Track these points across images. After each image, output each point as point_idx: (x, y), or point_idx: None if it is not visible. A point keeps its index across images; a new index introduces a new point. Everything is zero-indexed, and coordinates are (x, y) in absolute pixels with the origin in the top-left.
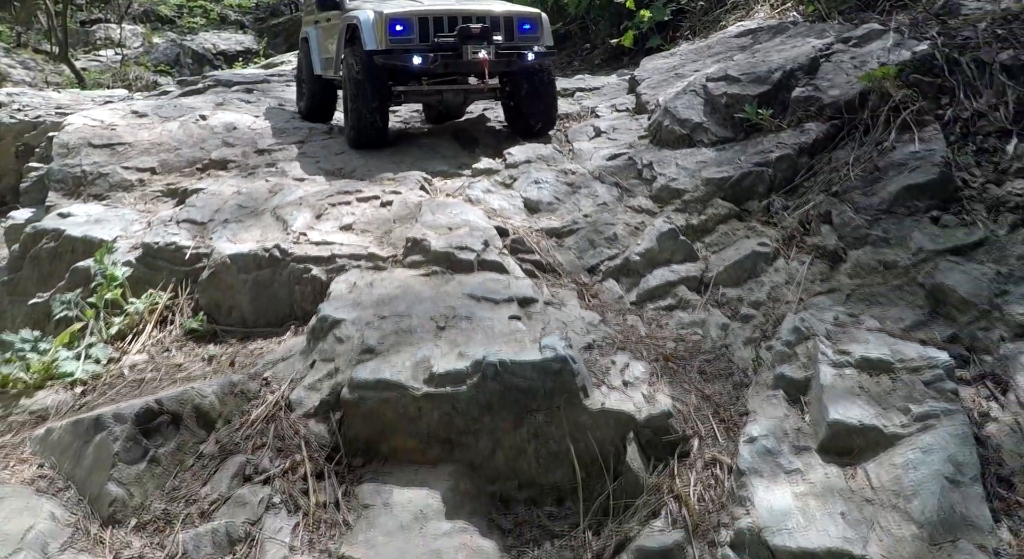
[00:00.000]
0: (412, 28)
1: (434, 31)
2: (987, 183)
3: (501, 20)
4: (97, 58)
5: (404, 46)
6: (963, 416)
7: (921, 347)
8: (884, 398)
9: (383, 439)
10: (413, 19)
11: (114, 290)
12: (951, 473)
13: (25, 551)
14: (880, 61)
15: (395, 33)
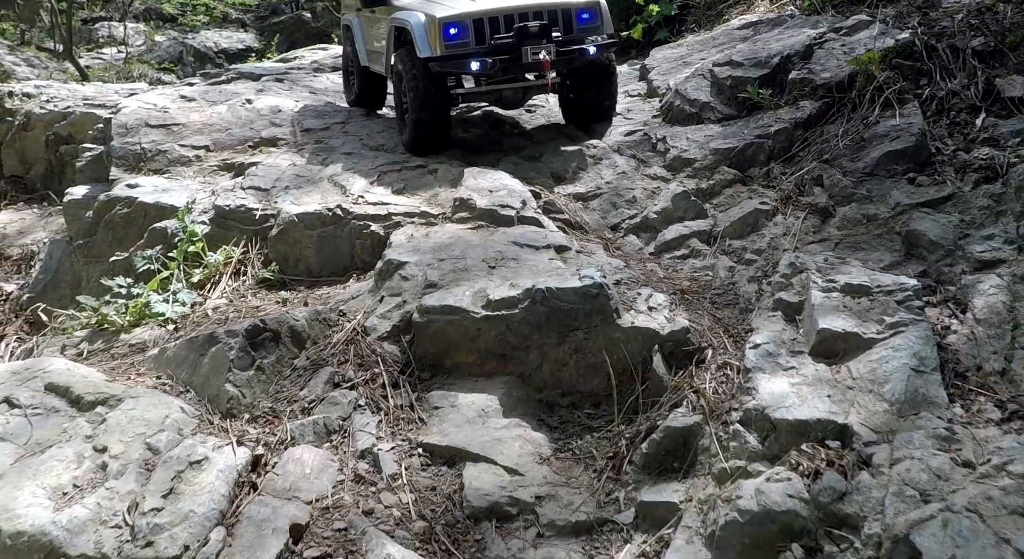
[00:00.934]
0: (467, 31)
1: (490, 32)
2: (957, 150)
3: (559, 13)
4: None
5: (460, 50)
6: (926, 325)
7: (895, 276)
8: (863, 313)
9: (447, 355)
10: (468, 21)
11: (196, 244)
12: (916, 365)
13: (167, 431)
14: (867, 47)
15: (450, 38)
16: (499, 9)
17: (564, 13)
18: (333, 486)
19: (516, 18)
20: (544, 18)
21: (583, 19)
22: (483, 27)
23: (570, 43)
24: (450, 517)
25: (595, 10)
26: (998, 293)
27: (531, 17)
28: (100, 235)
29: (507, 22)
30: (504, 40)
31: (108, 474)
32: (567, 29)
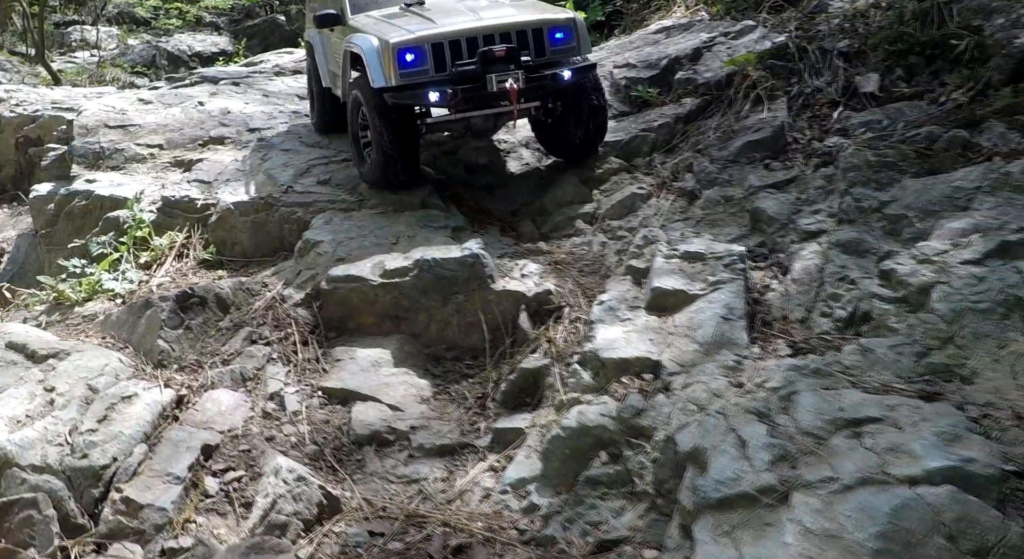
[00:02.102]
0: (425, 57)
1: (452, 57)
2: (812, 140)
3: (529, 34)
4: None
5: (418, 79)
6: (741, 282)
7: (728, 245)
8: (694, 275)
9: (350, 318)
10: (425, 46)
11: (143, 230)
12: (725, 314)
13: (106, 376)
14: (748, 50)
15: (405, 65)
16: (461, 31)
17: (535, 34)
18: (243, 421)
19: (480, 41)
20: (512, 40)
21: (557, 40)
22: (443, 52)
23: (543, 67)
24: (338, 443)
25: (570, 29)
26: (814, 258)
27: (497, 39)
28: (61, 225)
29: (470, 46)
30: (467, 67)
31: (55, 407)
32: (539, 51)
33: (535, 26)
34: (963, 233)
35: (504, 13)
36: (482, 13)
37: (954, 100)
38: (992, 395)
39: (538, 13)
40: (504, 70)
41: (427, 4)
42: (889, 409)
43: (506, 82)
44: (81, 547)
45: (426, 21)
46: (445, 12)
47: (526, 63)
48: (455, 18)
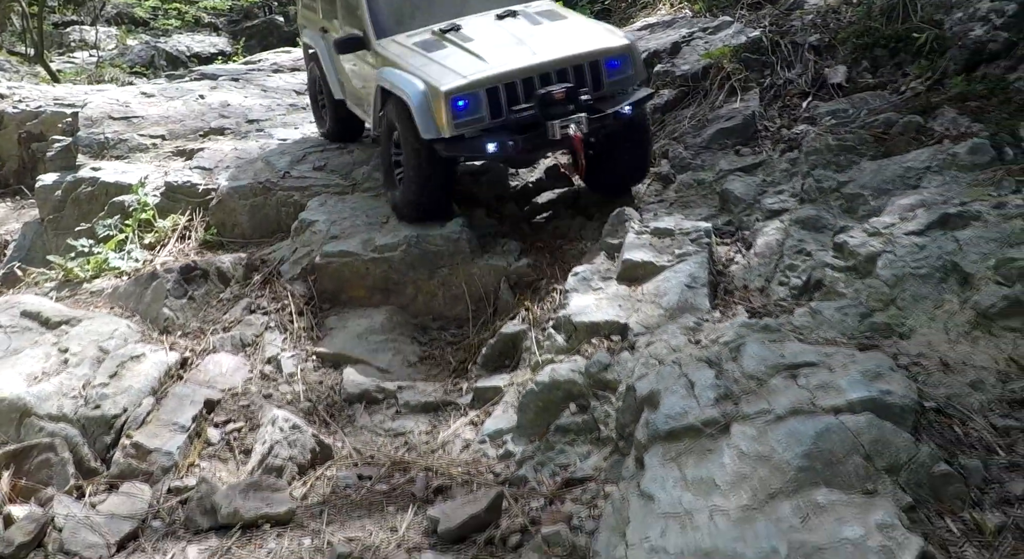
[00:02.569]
0: (480, 102)
1: (508, 101)
2: (781, 128)
3: (586, 68)
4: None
5: (472, 127)
6: (706, 254)
7: (696, 222)
8: (663, 248)
9: (342, 290)
10: (480, 92)
11: (147, 213)
12: (689, 283)
13: (115, 339)
14: (724, 44)
15: (459, 112)
16: (516, 73)
17: (592, 67)
18: (243, 381)
19: (536, 81)
20: (569, 76)
21: (613, 69)
22: (498, 96)
23: (600, 101)
24: (330, 400)
25: (627, 56)
26: (776, 234)
27: (554, 78)
28: (67, 211)
29: (526, 87)
30: (525, 112)
31: (68, 365)
32: (596, 85)
33: (591, 58)
34: (911, 208)
35: (554, 41)
36: (531, 43)
37: (913, 89)
38: (925, 348)
39: (591, 40)
40: (564, 112)
41: (463, 29)
42: (826, 356)
43: (569, 128)
44: (95, 486)
45: (471, 57)
46: (489, 42)
47: (586, 103)
48: (504, 52)
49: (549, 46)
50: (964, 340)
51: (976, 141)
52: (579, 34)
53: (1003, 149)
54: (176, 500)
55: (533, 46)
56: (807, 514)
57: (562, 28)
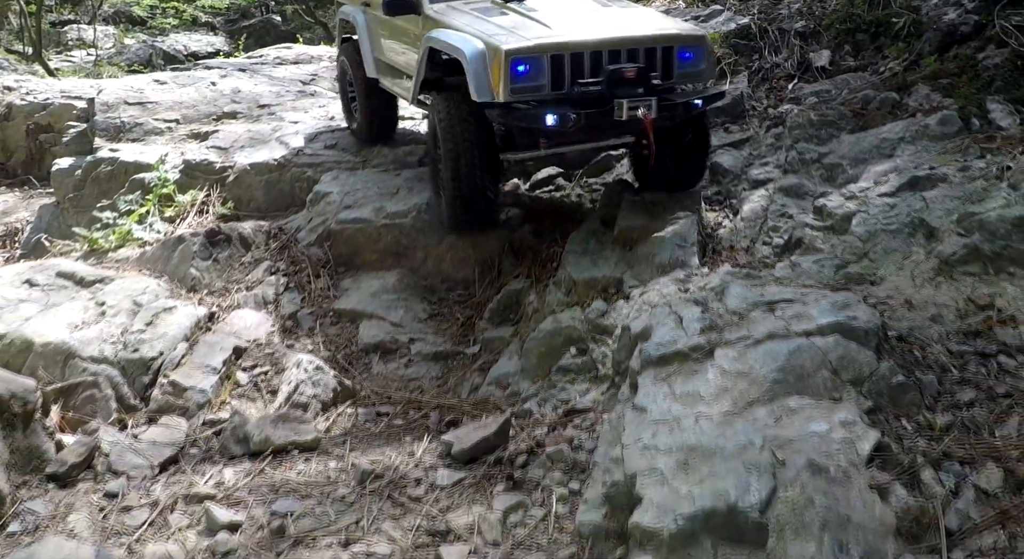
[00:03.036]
0: (542, 70)
1: (572, 74)
2: (768, 107)
3: (659, 52)
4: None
5: (530, 96)
6: (695, 217)
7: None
8: (658, 214)
9: (356, 255)
10: (544, 57)
11: (167, 188)
12: (680, 242)
13: (147, 294)
14: (714, 30)
15: (518, 76)
16: (585, 43)
17: (664, 52)
18: (266, 334)
19: (606, 56)
20: (639, 58)
21: (685, 61)
22: (562, 66)
23: (669, 92)
24: (348, 350)
25: (700, 49)
26: (761, 201)
27: (624, 56)
28: (87, 189)
29: (593, 61)
30: (591, 87)
31: (106, 316)
32: (666, 73)
33: (666, 43)
34: (884, 174)
35: (626, 21)
36: (601, 19)
37: (891, 69)
38: (892, 291)
39: (665, 25)
40: (633, 93)
41: (527, 0)
42: (802, 295)
43: (638, 110)
44: (136, 419)
45: (537, 24)
46: (556, 14)
47: (656, 88)
48: (573, 23)
49: (621, 24)
50: (928, 285)
51: (946, 113)
52: (652, 18)
53: (970, 120)
54: (210, 431)
55: (603, 22)
56: (780, 416)
57: (633, 12)
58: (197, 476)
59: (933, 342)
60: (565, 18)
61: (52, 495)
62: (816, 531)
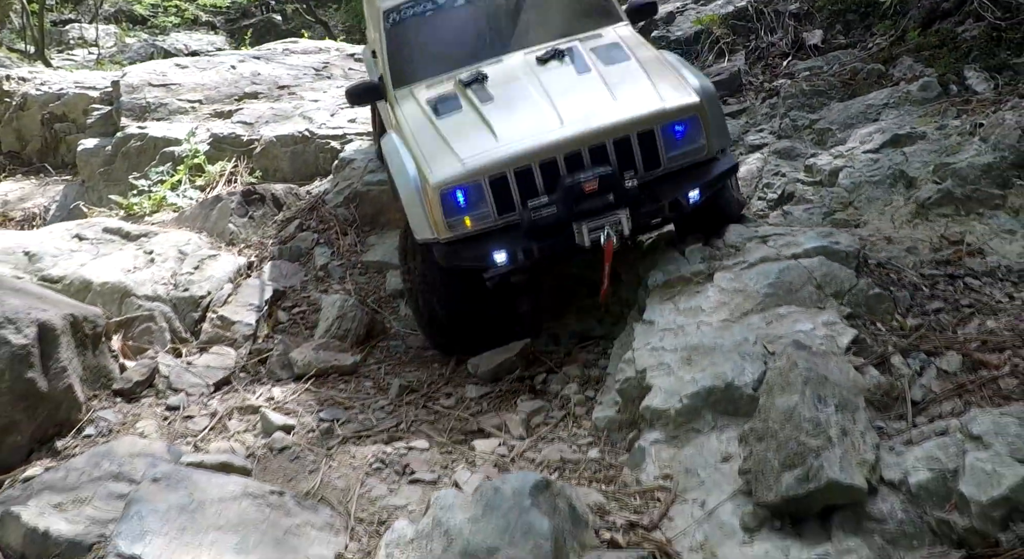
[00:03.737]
0: (483, 196)
1: (522, 192)
2: (764, 82)
3: (635, 140)
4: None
5: (478, 228)
6: None
7: None
8: None
9: (380, 213)
10: (482, 181)
11: (198, 158)
12: None
13: (191, 245)
14: (713, 13)
15: (457, 208)
16: (529, 153)
17: (643, 138)
18: (300, 282)
19: (562, 163)
20: (610, 155)
21: (677, 137)
22: (507, 186)
23: (660, 184)
24: (376, 295)
25: (695, 120)
26: (757, 163)
27: (586, 157)
28: (117, 163)
29: (548, 172)
30: (544, 210)
31: (155, 262)
32: (650, 162)
33: (642, 127)
34: (869, 135)
35: (595, 101)
36: (564, 105)
37: (877, 44)
38: (874, 231)
39: (643, 100)
40: (599, 207)
41: (491, 79)
42: (792, 233)
43: (601, 233)
44: (188, 349)
45: (482, 128)
46: (510, 104)
47: (630, 188)
48: (524, 119)
49: (586, 109)
50: (906, 225)
51: (926, 80)
52: (633, 89)
53: (949, 86)
54: (257, 360)
55: (565, 109)
56: (771, 321)
57: (615, 77)
58: (248, 393)
59: (908, 268)
60: (518, 110)
61: (120, 407)
62: (799, 386)
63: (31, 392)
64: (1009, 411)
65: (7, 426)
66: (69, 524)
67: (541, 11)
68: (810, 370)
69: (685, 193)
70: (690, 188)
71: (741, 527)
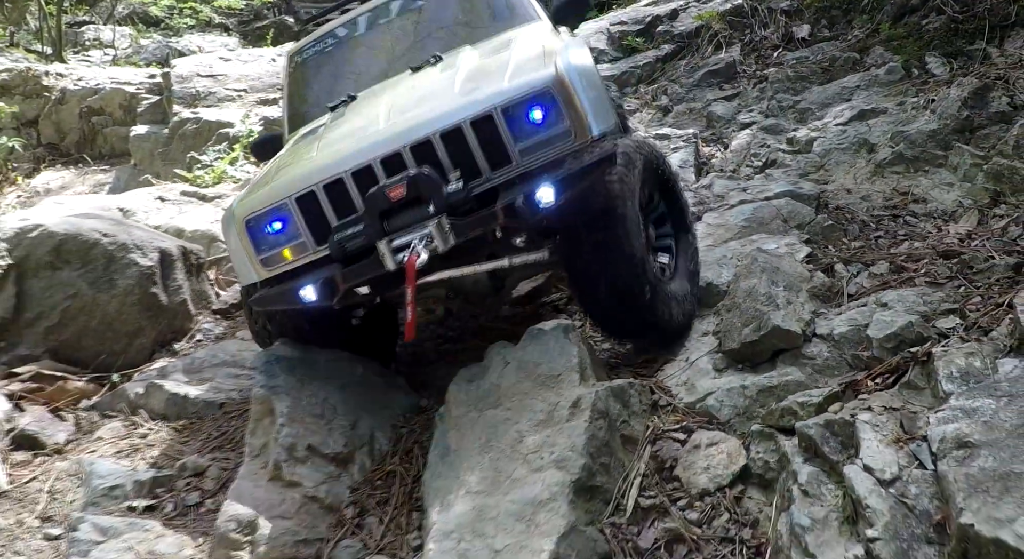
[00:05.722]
0: (293, 222)
1: (337, 212)
2: (756, 70)
3: (467, 131)
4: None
5: (296, 261)
6: (693, 148)
7: (687, 131)
8: (661, 146)
9: None
10: (288, 205)
11: (253, 137)
12: (681, 164)
13: None
14: (712, 10)
15: (268, 241)
16: (340, 159)
17: (481, 128)
18: None
19: (379, 172)
20: (439, 156)
21: (531, 123)
22: (318, 208)
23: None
24: None
25: (549, 100)
26: (746, 138)
27: (409, 160)
28: (174, 145)
29: (365, 185)
30: (349, 229)
31: None
32: (497, 157)
33: (478, 114)
34: (841, 111)
35: (437, 96)
36: (403, 106)
37: (856, 36)
38: (838, 187)
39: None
40: (414, 219)
41: (357, 100)
42: (765, 183)
43: (403, 249)
44: None
45: (314, 148)
46: (358, 117)
47: (455, 196)
48: (357, 131)
49: (417, 107)
50: (866, 182)
51: (891, 65)
52: (486, 78)
53: (911, 70)
54: None
55: (394, 111)
56: (745, 244)
57: (477, 72)
58: None
59: (861, 212)
60: (351, 123)
61: (219, 322)
62: (758, 274)
63: (154, 304)
64: (912, 290)
65: (135, 330)
66: (202, 391)
67: (443, 24)
68: (767, 263)
69: (530, 192)
70: (539, 185)
71: (713, 369)
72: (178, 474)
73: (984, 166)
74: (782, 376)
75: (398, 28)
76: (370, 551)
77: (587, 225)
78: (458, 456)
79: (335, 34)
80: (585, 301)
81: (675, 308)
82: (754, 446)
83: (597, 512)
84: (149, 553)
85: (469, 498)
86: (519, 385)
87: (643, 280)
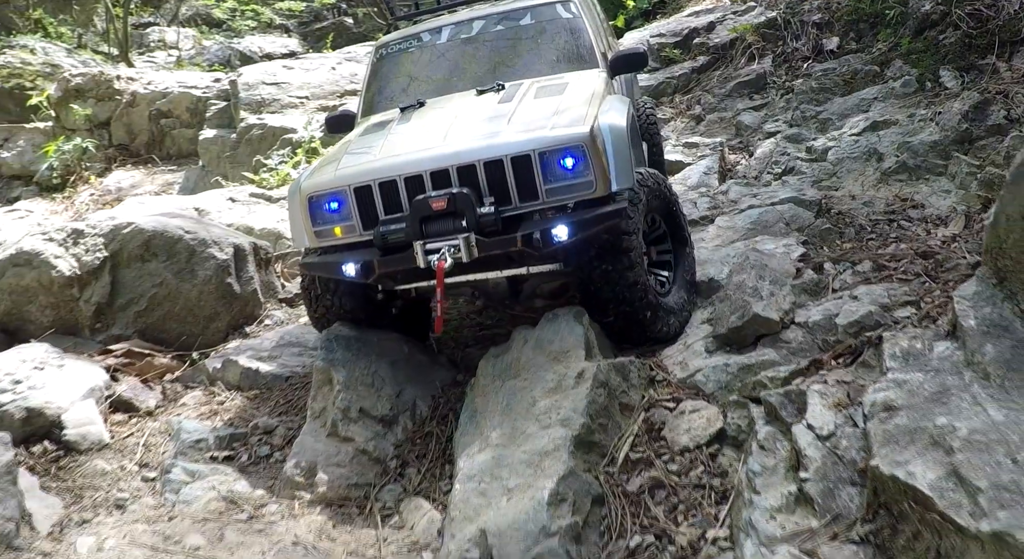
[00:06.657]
0: (348, 207)
1: (385, 207)
2: (787, 81)
3: (507, 165)
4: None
5: (345, 239)
6: (718, 156)
7: (714, 139)
8: (691, 154)
9: None
10: (346, 192)
11: (314, 143)
12: (705, 171)
13: None
14: (747, 23)
15: (324, 217)
16: (393, 167)
17: (519, 165)
18: None
19: (428, 182)
20: (479, 179)
21: (562, 169)
22: (371, 200)
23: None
24: None
25: (580, 153)
26: (770, 146)
27: (454, 178)
28: (241, 149)
29: (414, 190)
30: (393, 225)
31: None
32: (526, 192)
33: (516, 152)
34: (857, 122)
35: (489, 126)
36: (459, 128)
37: (879, 49)
38: (845, 193)
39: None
40: (446, 230)
41: (426, 106)
42: (774, 190)
43: (435, 254)
44: None
45: (378, 145)
46: (419, 126)
47: (486, 217)
48: (413, 140)
49: (473, 132)
50: (872, 188)
51: (907, 78)
52: (534, 118)
53: (925, 83)
54: None
55: (455, 133)
56: (749, 244)
57: (530, 109)
58: None
59: (861, 216)
60: (417, 131)
61: (285, 310)
62: (748, 270)
63: (229, 292)
64: (880, 286)
65: (212, 315)
66: (271, 367)
67: (514, 53)
68: (758, 260)
69: (548, 228)
70: (556, 224)
71: (704, 350)
72: (251, 432)
73: (978, 174)
74: (760, 356)
75: (475, 46)
76: (409, 493)
77: (597, 256)
78: (483, 417)
79: (420, 37)
80: (594, 316)
81: (672, 320)
82: (730, 413)
83: (594, 463)
84: (229, 491)
85: (490, 450)
86: (535, 359)
87: (644, 305)
